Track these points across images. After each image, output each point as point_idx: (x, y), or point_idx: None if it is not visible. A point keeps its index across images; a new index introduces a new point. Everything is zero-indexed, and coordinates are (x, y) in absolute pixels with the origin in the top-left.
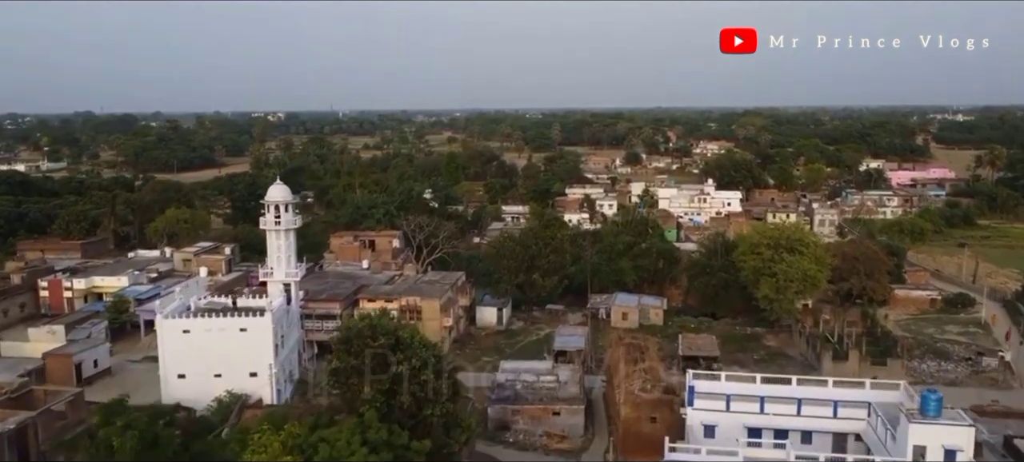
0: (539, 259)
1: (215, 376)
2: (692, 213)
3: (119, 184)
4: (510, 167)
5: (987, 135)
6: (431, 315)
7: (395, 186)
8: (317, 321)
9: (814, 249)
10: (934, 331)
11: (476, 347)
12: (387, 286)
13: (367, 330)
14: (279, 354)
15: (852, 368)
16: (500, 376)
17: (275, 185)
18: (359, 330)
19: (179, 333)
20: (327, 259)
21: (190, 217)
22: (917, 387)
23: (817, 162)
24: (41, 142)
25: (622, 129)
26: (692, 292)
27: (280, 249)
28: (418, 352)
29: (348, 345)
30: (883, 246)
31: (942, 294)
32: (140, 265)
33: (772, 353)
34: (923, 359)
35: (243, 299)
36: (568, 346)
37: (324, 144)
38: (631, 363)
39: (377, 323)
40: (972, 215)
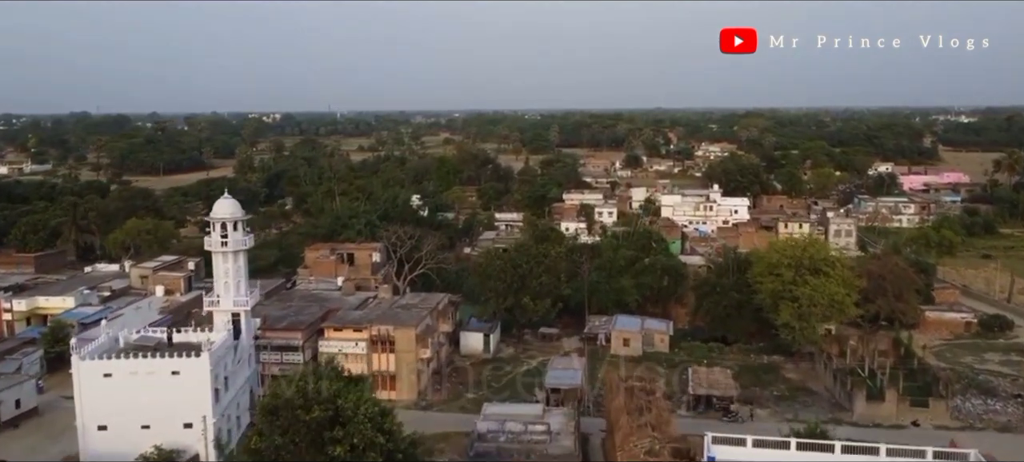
0: (530, 280)
1: (143, 427)
2: (697, 222)
3: (93, 189)
4: (505, 171)
5: (995, 137)
6: (406, 346)
7: (379, 193)
8: (275, 353)
9: (841, 270)
10: (973, 359)
11: (458, 380)
12: (357, 312)
13: (298, 399)
14: (221, 399)
15: (889, 410)
16: (482, 425)
17: (222, 199)
18: (288, 399)
19: (99, 377)
20: (301, 275)
21: (154, 228)
22: (966, 433)
23: (825, 166)
24: (29, 143)
25: (622, 130)
26: (701, 313)
27: (228, 273)
28: (362, 429)
29: (273, 417)
30: (911, 262)
31: (977, 315)
32: (94, 282)
33: (793, 388)
34: (966, 396)
35: (187, 331)
36: (561, 383)
37: (315, 146)
38: (635, 413)
39: (312, 389)
40: (993, 223)
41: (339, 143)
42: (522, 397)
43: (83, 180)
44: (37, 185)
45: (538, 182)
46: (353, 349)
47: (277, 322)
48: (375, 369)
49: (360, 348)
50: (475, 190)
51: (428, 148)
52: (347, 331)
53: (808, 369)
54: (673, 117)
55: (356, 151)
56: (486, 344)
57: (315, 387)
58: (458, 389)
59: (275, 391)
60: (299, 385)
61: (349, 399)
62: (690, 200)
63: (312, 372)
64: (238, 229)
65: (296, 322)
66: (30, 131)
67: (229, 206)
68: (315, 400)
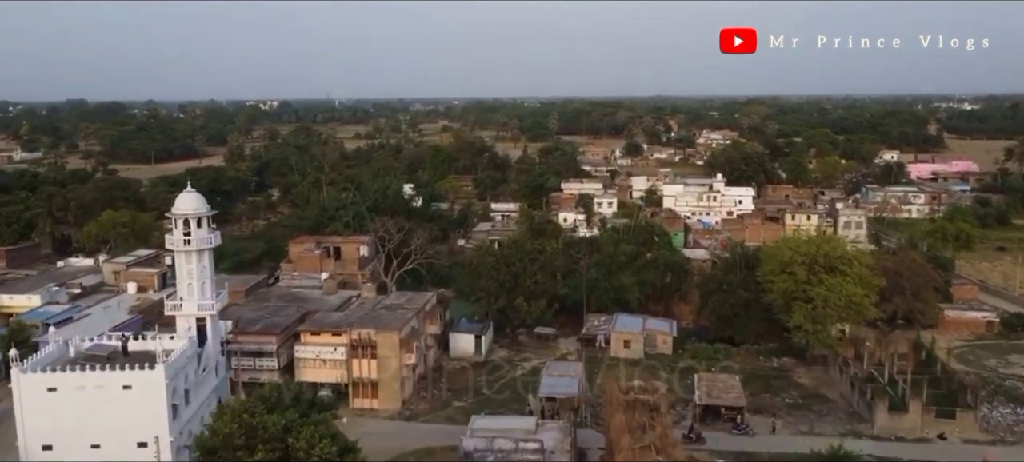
0: (524, 278)
1: (92, 447)
2: (701, 213)
3: (76, 179)
4: (503, 159)
5: (999, 124)
6: (389, 351)
7: (369, 183)
8: (248, 359)
9: (859, 268)
10: (996, 363)
11: (446, 386)
12: (337, 313)
13: (239, 436)
14: (181, 415)
15: (913, 422)
16: (468, 442)
17: (184, 193)
18: (227, 436)
19: (43, 391)
20: (284, 270)
21: (131, 220)
22: (997, 447)
23: (830, 154)
24: (21, 131)
25: (622, 118)
26: (706, 311)
27: (192, 274)
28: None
29: (212, 457)
30: (929, 258)
31: (999, 314)
32: (65, 278)
33: (807, 395)
34: (992, 404)
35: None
36: (557, 392)
37: (309, 134)
38: (638, 432)
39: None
40: (1006, 214)
41: (334, 131)
42: (514, 408)
43: (70, 169)
44: (19, 174)
45: (536, 171)
46: (331, 354)
47: (249, 325)
48: (355, 376)
49: (339, 353)
50: (471, 179)
51: (425, 136)
52: (325, 335)
53: (821, 374)
54: (673, 104)
55: (352, 139)
56: (477, 346)
57: (261, 421)
58: (446, 396)
59: (214, 426)
60: (242, 418)
61: (301, 436)
62: (693, 190)
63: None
64: (202, 226)
65: (270, 325)
66: (25, 118)
67: (192, 201)
68: (260, 438)
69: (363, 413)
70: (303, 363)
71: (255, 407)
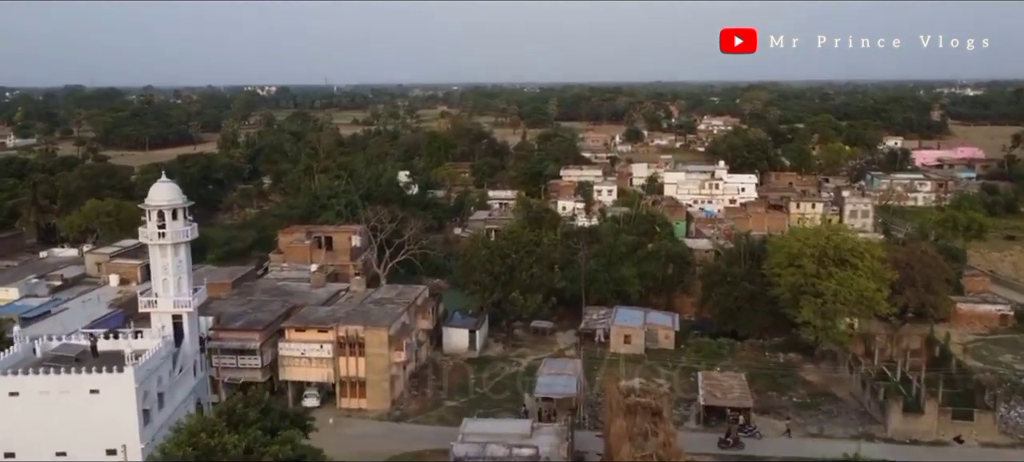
0: (520, 271)
1: (57, 455)
2: (703, 201)
3: (65, 165)
4: (501, 146)
5: (1003, 110)
6: (377, 348)
7: (363, 170)
8: (230, 357)
9: (870, 261)
10: (1012, 358)
11: (438, 384)
12: (324, 309)
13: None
14: (153, 420)
15: (928, 424)
16: (459, 448)
17: (159, 183)
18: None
19: (4, 395)
20: (274, 261)
21: (115, 209)
22: (1018, 451)
23: (834, 141)
24: (15, 117)
25: (622, 103)
26: (709, 304)
27: (167, 269)
28: None
29: None
30: (940, 248)
31: (1013, 307)
32: (46, 269)
33: (815, 393)
34: (1010, 404)
35: (131, 334)
36: (554, 391)
37: (306, 120)
38: (639, 439)
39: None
40: (1015, 201)
41: (331, 117)
42: (509, 408)
43: (61, 155)
44: (7, 161)
45: (535, 158)
46: (317, 352)
47: (231, 321)
48: (343, 375)
49: (325, 351)
50: (468, 166)
51: (423, 122)
52: (311, 331)
53: (829, 371)
54: (674, 90)
55: (350, 125)
56: (471, 341)
57: (220, 442)
58: (438, 395)
59: (166, 447)
60: (199, 438)
61: (265, 457)
62: (695, 177)
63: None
64: (178, 217)
65: (253, 321)
66: (20, 104)
67: (166, 191)
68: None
69: (351, 413)
70: (288, 361)
71: (215, 425)
